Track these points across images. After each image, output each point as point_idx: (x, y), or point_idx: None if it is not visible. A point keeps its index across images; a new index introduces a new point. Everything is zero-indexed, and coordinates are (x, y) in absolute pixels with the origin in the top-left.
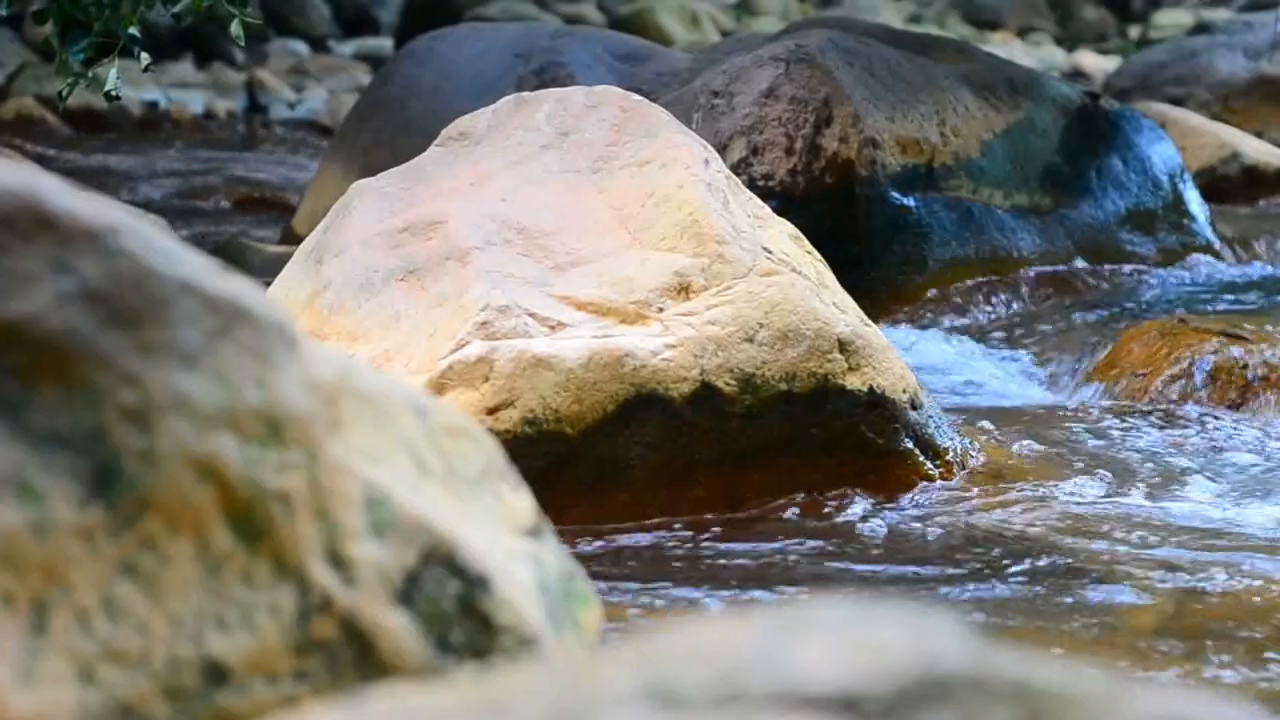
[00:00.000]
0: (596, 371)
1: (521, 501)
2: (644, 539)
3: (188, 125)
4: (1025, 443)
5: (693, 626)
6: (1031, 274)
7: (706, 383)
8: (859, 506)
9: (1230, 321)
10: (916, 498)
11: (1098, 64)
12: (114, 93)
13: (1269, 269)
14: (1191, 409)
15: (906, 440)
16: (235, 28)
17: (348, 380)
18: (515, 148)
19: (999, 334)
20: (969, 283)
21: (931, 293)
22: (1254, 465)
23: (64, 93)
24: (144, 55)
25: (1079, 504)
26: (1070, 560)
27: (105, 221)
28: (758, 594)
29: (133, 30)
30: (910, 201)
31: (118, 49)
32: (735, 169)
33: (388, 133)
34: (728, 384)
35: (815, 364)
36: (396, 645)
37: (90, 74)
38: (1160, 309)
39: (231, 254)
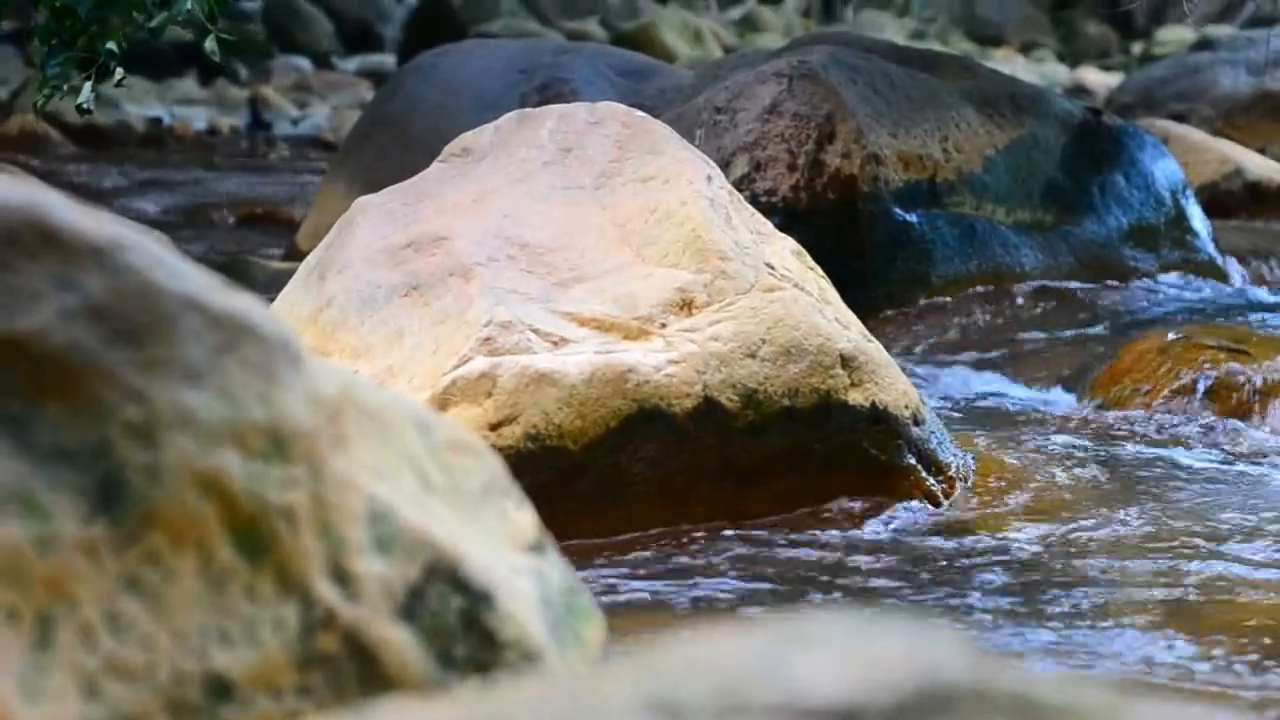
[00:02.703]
0: (599, 387)
1: (524, 517)
2: (646, 554)
3: (191, 141)
4: (1027, 458)
5: (695, 640)
6: (1034, 289)
7: (709, 398)
8: (861, 522)
9: (1232, 337)
10: (919, 513)
11: (1100, 80)
12: (85, 106)
13: (1271, 285)
14: (1193, 424)
15: (909, 456)
16: (209, 43)
17: (351, 396)
18: (518, 164)
19: (1001, 350)
20: (971, 298)
21: (934, 308)
22: (1256, 479)
23: (39, 103)
24: (119, 70)
25: (1080, 519)
26: (1071, 575)
27: (109, 237)
28: (760, 608)
29: (110, 46)
30: (913, 217)
31: (96, 65)
32: (738, 185)
33: (391, 149)
34: (730, 400)
35: (818, 380)
36: (400, 660)
37: (65, 86)
38: (1162, 325)
39: (235, 270)
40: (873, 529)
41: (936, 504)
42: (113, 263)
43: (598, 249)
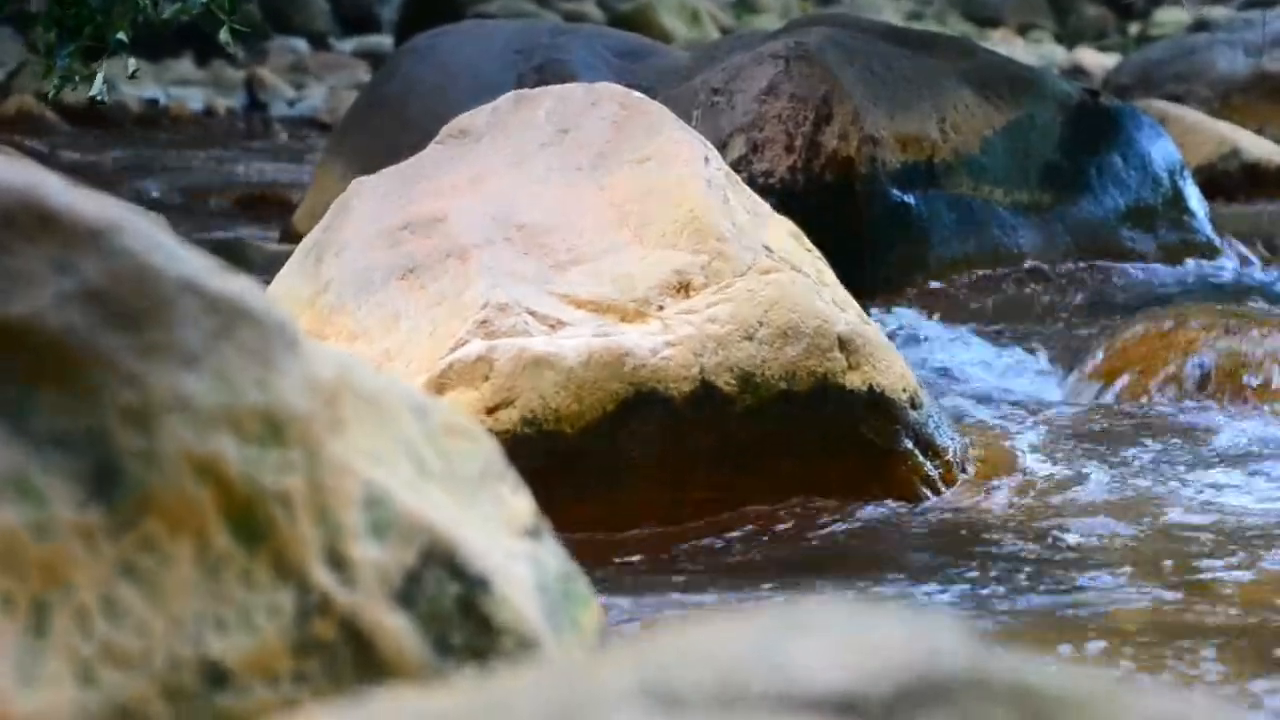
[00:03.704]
0: (596, 370)
1: (521, 502)
2: (643, 538)
3: (188, 122)
4: (1025, 441)
5: (692, 627)
6: (1032, 271)
7: (706, 381)
8: (858, 506)
9: (1230, 318)
10: (916, 498)
11: (1098, 61)
12: (100, 97)
13: (1268, 266)
14: (1190, 405)
15: (906, 440)
16: (224, 34)
17: (348, 380)
18: (515, 145)
19: (999, 331)
20: (969, 280)
21: (932, 290)
22: (1253, 461)
23: (50, 94)
24: (131, 61)
25: (1079, 503)
26: (1071, 560)
27: (106, 220)
28: (757, 594)
29: (120, 36)
30: (910, 199)
31: (106, 54)
32: (735, 166)
33: (388, 130)
34: (727, 383)
35: (815, 362)
36: (396, 646)
37: (78, 77)
38: (1160, 305)
39: (232, 252)
40: (870, 513)
41: (934, 488)
42: (110, 245)
43: (595, 230)
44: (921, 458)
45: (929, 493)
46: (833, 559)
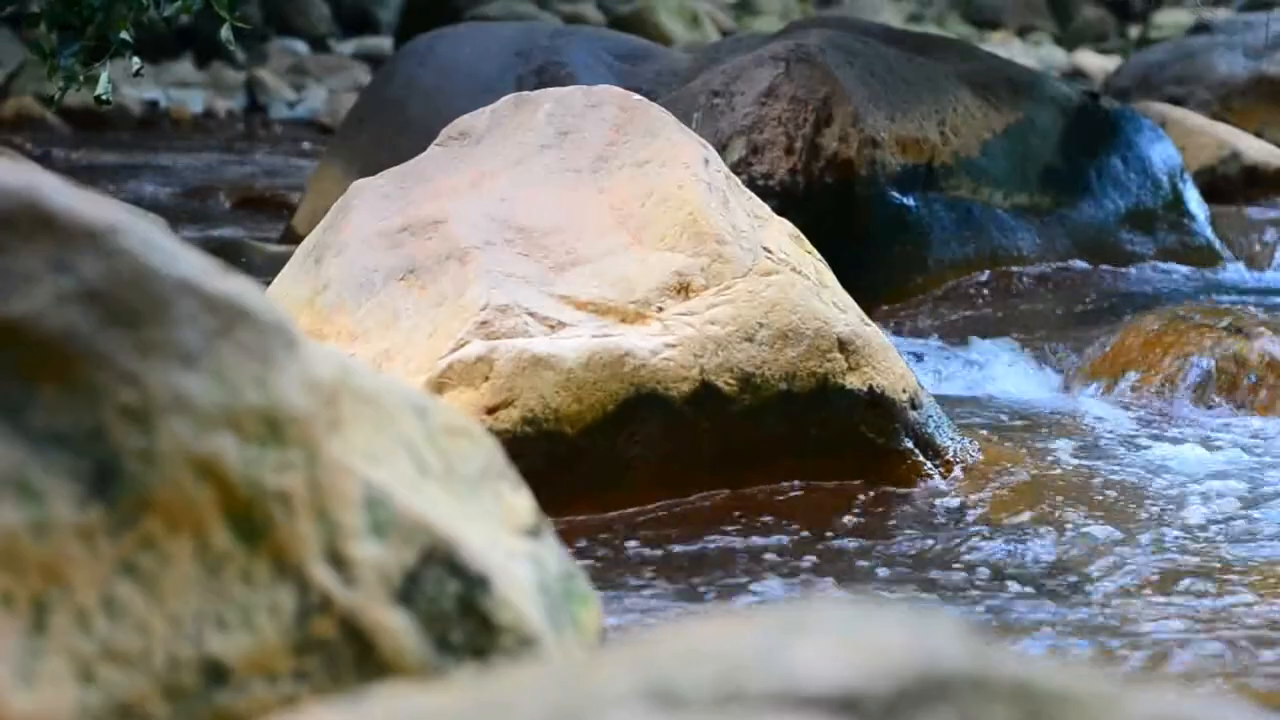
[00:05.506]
0: (596, 371)
1: (521, 501)
2: (643, 539)
3: (187, 124)
4: (1025, 441)
5: (692, 626)
6: (1031, 274)
7: (706, 382)
8: (858, 506)
9: (1229, 319)
10: (916, 497)
11: (1097, 64)
12: (104, 97)
13: (1267, 268)
14: (1190, 406)
15: (906, 440)
16: (225, 32)
17: (347, 380)
18: (515, 147)
19: (999, 333)
20: (969, 282)
21: (931, 292)
22: (1252, 461)
23: (56, 96)
24: (135, 59)
25: (1077, 502)
26: (1071, 559)
27: (105, 221)
28: (758, 594)
29: (124, 35)
30: (910, 201)
31: (110, 53)
32: (735, 168)
33: (387, 132)
34: (727, 383)
35: (815, 363)
36: (396, 645)
37: (82, 78)
38: (1159, 308)
39: (231, 253)
40: (870, 513)
41: (934, 488)
42: (108, 246)
43: (595, 232)
44: (921, 457)
45: (928, 492)
46: (833, 558)
